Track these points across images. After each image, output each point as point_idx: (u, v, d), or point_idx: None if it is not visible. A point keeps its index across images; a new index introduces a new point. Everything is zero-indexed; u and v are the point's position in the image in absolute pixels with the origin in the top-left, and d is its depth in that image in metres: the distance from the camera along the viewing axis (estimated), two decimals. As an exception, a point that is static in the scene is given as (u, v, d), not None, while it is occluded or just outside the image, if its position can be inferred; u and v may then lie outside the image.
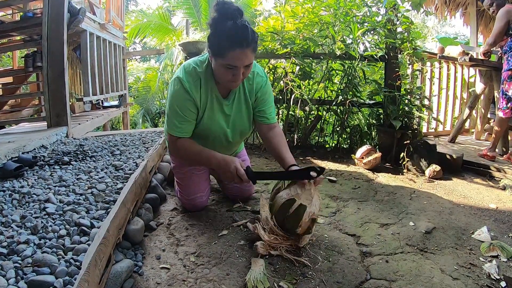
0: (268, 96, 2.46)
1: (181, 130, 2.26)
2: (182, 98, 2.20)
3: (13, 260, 1.50)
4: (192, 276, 1.77)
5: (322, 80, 4.68)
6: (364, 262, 2.02)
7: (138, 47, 24.04)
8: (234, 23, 2.00)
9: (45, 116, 4.63)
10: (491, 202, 3.07)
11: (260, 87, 2.40)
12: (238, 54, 2.02)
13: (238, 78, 2.10)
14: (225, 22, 2.01)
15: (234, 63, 2.04)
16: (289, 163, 2.27)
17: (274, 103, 2.57)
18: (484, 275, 1.95)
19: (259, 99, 2.42)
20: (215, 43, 2.05)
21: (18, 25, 5.15)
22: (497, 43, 4.30)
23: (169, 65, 14.20)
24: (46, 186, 2.43)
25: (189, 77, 2.20)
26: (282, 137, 2.46)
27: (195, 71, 2.22)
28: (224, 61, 2.04)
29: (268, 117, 2.46)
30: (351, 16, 4.37)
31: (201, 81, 2.22)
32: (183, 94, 2.19)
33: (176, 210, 2.56)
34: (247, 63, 2.08)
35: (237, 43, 1.99)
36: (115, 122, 12.61)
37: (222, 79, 2.15)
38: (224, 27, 2.01)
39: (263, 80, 2.40)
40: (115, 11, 8.11)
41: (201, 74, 2.22)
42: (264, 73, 2.44)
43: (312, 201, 2.06)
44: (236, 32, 1.99)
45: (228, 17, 2.02)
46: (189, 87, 2.17)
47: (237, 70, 2.07)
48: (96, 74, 6.36)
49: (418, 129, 4.24)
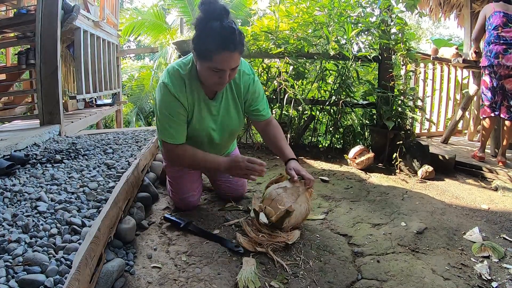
0: (259, 93, 2.44)
1: (176, 135, 2.21)
2: (170, 102, 2.16)
3: (4, 258, 1.49)
4: (184, 275, 1.77)
5: (315, 80, 4.69)
6: (356, 262, 2.03)
7: (132, 45, 23.99)
8: (221, 24, 1.95)
9: (38, 113, 4.61)
10: (483, 202, 3.09)
11: (249, 86, 2.37)
12: (225, 57, 1.98)
13: (225, 81, 2.08)
14: (211, 23, 1.96)
15: (220, 66, 2.00)
16: (287, 157, 2.38)
17: (268, 104, 2.58)
18: (476, 275, 1.96)
19: (250, 99, 2.41)
20: (201, 45, 2.01)
21: (12, 22, 5.13)
22: (479, 38, 4.48)
23: (163, 64, 14.18)
24: (38, 185, 2.41)
25: (174, 80, 2.16)
26: (279, 130, 2.52)
27: (178, 74, 2.18)
28: (210, 64, 2.00)
29: (263, 113, 2.48)
30: (346, 16, 4.38)
31: (185, 84, 2.18)
32: (170, 98, 2.15)
33: (168, 209, 2.55)
34: (233, 66, 2.05)
35: (224, 46, 1.95)
36: (108, 120, 12.56)
37: (208, 81, 2.12)
38: (210, 28, 1.95)
39: (250, 78, 2.37)
40: (110, 9, 8.09)
41: (185, 77, 2.18)
42: (250, 69, 2.40)
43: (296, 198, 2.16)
44: (223, 34, 1.94)
45: (214, 17, 1.96)
46: (174, 91, 2.14)
47: (223, 73, 2.03)
48: (89, 72, 6.35)
49: (411, 129, 4.26)
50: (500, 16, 4.01)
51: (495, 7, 4.11)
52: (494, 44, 4.01)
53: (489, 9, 4.17)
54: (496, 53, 3.96)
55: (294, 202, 2.15)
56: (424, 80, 5.24)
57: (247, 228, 2.11)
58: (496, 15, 4.05)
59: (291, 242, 2.08)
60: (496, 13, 4.05)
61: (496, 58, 3.96)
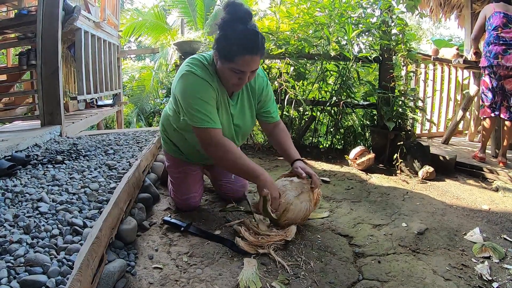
0: (271, 95, 2.50)
1: (214, 119, 2.11)
2: (200, 85, 2.10)
3: (5, 259, 1.49)
4: (185, 276, 1.77)
5: (316, 81, 4.69)
6: (357, 263, 2.03)
7: (133, 45, 23.97)
8: (245, 27, 2.00)
9: (39, 114, 4.61)
10: (483, 203, 3.09)
11: (263, 89, 2.42)
12: (247, 60, 2.02)
13: (244, 82, 2.12)
14: (236, 26, 2.01)
15: (242, 68, 2.04)
16: (294, 158, 2.42)
17: (277, 107, 2.61)
18: (476, 276, 1.95)
19: (263, 101, 2.45)
20: (225, 46, 2.03)
21: (13, 23, 5.13)
22: (478, 38, 4.48)
23: (164, 64, 14.17)
24: (39, 185, 2.42)
25: (200, 68, 2.14)
26: (286, 133, 2.58)
27: (203, 64, 2.17)
28: (232, 65, 2.03)
29: (273, 115, 2.53)
30: (346, 17, 4.38)
31: (211, 74, 2.17)
32: (200, 82, 2.10)
33: (169, 210, 2.55)
34: (254, 68, 2.09)
35: (248, 49, 1.99)
36: (109, 121, 12.55)
37: (227, 81, 2.15)
38: (235, 31, 2.00)
39: (264, 80, 2.43)
40: (110, 10, 8.09)
41: (209, 69, 2.18)
42: (263, 72, 2.47)
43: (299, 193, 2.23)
44: (248, 38, 1.99)
45: (239, 20, 2.01)
46: (203, 76, 2.11)
47: (244, 74, 2.07)
48: (90, 72, 6.34)
49: (411, 130, 4.26)
50: (500, 17, 4.01)
51: (495, 7, 4.11)
52: (493, 44, 4.01)
53: (489, 10, 4.17)
54: (496, 53, 3.96)
55: (296, 196, 2.20)
56: (425, 80, 5.24)
57: (245, 234, 2.11)
58: (496, 15, 4.05)
59: (290, 239, 2.09)
60: (496, 13, 4.05)
61: (495, 59, 3.96)
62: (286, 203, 2.19)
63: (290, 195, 2.21)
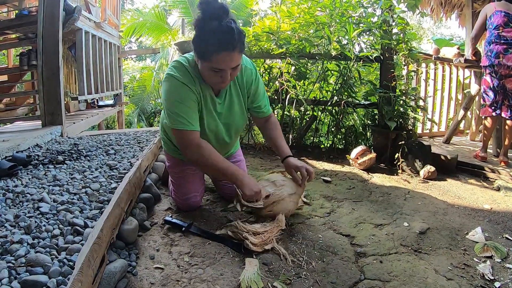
0: (261, 88, 2.48)
1: (190, 121, 2.13)
2: (179, 88, 2.13)
3: (6, 259, 1.49)
4: (186, 276, 1.77)
5: (317, 81, 4.70)
6: (358, 263, 2.03)
7: (133, 46, 23.98)
8: (219, 24, 1.95)
9: (40, 115, 4.61)
10: (485, 202, 3.08)
11: (252, 82, 2.39)
12: (224, 57, 1.98)
13: (226, 80, 2.08)
14: (209, 23, 1.96)
15: (220, 66, 2.01)
16: (285, 154, 2.46)
17: (268, 100, 2.61)
18: (478, 275, 1.95)
19: (252, 95, 2.43)
20: (200, 46, 2.01)
21: (13, 23, 5.13)
22: (478, 36, 4.46)
23: (165, 65, 14.19)
24: (40, 186, 2.41)
25: (180, 72, 2.15)
26: (277, 127, 2.59)
27: (183, 66, 2.17)
28: (210, 64, 2.01)
29: (264, 110, 2.52)
30: (347, 16, 4.38)
31: (191, 75, 2.17)
32: (179, 85, 2.12)
33: (171, 210, 2.55)
34: (234, 65, 2.05)
35: (222, 46, 1.95)
36: (110, 121, 12.58)
37: (210, 81, 2.14)
38: (209, 28, 1.96)
39: (253, 73, 2.39)
40: (111, 10, 8.09)
41: (190, 70, 2.17)
42: (251, 64, 2.41)
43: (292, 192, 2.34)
44: (222, 34, 1.94)
45: (212, 17, 1.96)
46: (183, 79, 2.12)
47: (224, 72, 2.04)
48: (91, 73, 6.36)
49: (413, 130, 4.26)
50: (502, 16, 4.00)
51: (496, 6, 4.10)
52: (494, 43, 4.01)
53: (490, 8, 4.16)
54: (497, 52, 3.96)
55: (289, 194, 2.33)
56: (426, 80, 5.24)
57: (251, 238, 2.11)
58: (497, 14, 4.05)
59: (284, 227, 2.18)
60: (498, 12, 4.05)
61: (496, 58, 3.96)
62: (279, 196, 2.27)
63: (285, 191, 2.30)
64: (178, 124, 2.12)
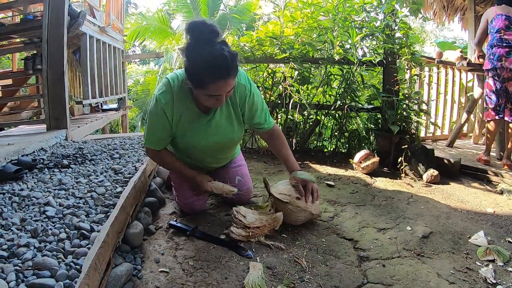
0: (258, 103, 2.39)
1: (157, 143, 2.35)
2: (156, 114, 2.20)
3: (13, 263, 1.50)
4: (191, 279, 1.78)
5: (320, 85, 4.71)
6: (361, 267, 2.03)
7: (137, 50, 24.07)
8: (212, 49, 1.92)
9: (45, 118, 4.64)
10: (488, 206, 3.08)
11: (245, 98, 2.32)
12: (220, 85, 1.96)
13: (222, 101, 2.08)
14: (201, 50, 1.93)
15: (217, 93, 2.00)
16: (291, 169, 2.48)
17: (272, 107, 2.61)
18: (481, 279, 1.96)
19: (248, 110, 2.38)
20: (195, 75, 1.99)
21: (18, 28, 5.16)
22: (482, 42, 4.47)
23: (169, 69, 14.22)
24: (46, 189, 2.43)
25: (165, 94, 2.16)
26: (282, 140, 2.57)
27: (170, 87, 2.17)
28: (206, 92, 2.00)
29: (264, 126, 2.49)
30: (350, 21, 4.40)
31: (173, 99, 2.17)
32: (157, 110, 2.19)
33: (175, 214, 2.57)
34: (229, 89, 2.04)
35: (218, 75, 1.93)
36: (114, 125, 12.60)
37: (205, 104, 2.13)
38: (202, 56, 1.92)
39: (247, 89, 2.31)
40: (115, 14, 8.12)
41: (175, 92, 2.16)
42: (246, 78, 2.34)
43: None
44: (215, 63, 1.91)
45: (204, 42, 1.94)
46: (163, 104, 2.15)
47: (220, 96, 2.03)
48: (95, 77, 6.38)
49: (416, 133, 4.27)
50: (503, 19, 4.02)
51: (497, 10, 4.12)
52: (497, 47, 4.02)
53: (491, 12, 4.18)
54: (499, 56, 3.97)
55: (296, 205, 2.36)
56: (429, 83, 5.25)
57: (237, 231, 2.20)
58: (498, 18, 4.06)
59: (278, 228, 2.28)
60: (499, 16, 4.06)
61: (499, 61, 3.96)
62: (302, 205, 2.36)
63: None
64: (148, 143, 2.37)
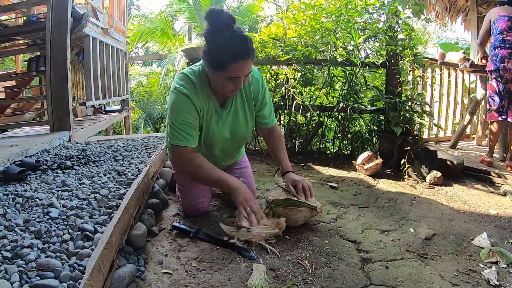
0: (268, 97, 2.51)
1: (188, 138, 2.20)
2: (181, 105, 2.18)
3: (17, 264, 1.50)
4: (194, 281, 1.78)
5: (323, 87, 4.71)
6: (365, 268, 2.03)
7: (140, 51, 24.09)
8: (232, 33, 2.01)
9: (48, 120, 4.64)
10: (491, 208, 3.08)
11: (258, 91, 2.42)
12: (241, 66, 2.04)
13: (239, 87, 2.14)
14: (222, 34, 2.02)
15: (236, 75, 2.06)
16: (285, 170, 2.52)
17: (275, 108, 2.62)
18: (484, 281, 1.95)
19: (259, 103, 2.46)
20: (216, 57, 2.05)
21: (22, 29, 5.18)
22: (484, 43, 4.50)
23: (171, 70, 14.23)
24: (49, 191, 2.43)
25: (185, 84, 2.19)
26: (280, 140, 2.62)
27: (189, 79, 2.21)
28: (226, 74, 2.06)
29: (268, 121, 2.56)
30: (353, 23, 4.39)
31: (196, 88, 2.21)
32: (182, 101, 2.17)
33: (178, 216, 2.57)
34: (247, 72, 2.12)
35: (240, 55, 2.01)
36: (117, 126, 12.63)
37: (223, 89, 2.17)
38: (223, 39, 2.01)
39: (260, 83, 2.43)
40: (118, 16, 8.14)
41: (196, 83, 2.21)
42: (257, 73, 2.47)
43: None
44: (238, 44, 2.00)
45: (224, 28, 2.02)
46: (186, 93, 2.16)
47: (239, 80, 2.10)
48: (98, 78, 6.39)
49: (419, 135, 4.26)
50: (505, 20, 4.02)
51: (499, 11, 4.12)
52: (499, 48, 4.02)
53: (494, 14, 4.18)
54: (502, 57, 3.97)
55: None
56: (432, 85, 5.24)
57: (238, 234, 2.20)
58: (501, 19, 4.06)
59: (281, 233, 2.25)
60: (501, 17, 4.06)
61: (501, 62, 3.97)
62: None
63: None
64: (177, 140, 2.20)
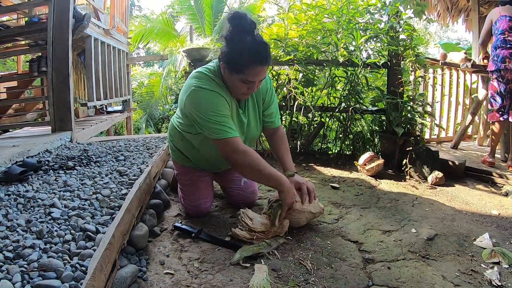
0: (274, 97, 2.53)
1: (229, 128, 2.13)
2: (212, 99, 2.13)
3: (19, 264, 1.51)
4: (196, 281, 1.78)
5: (325, 87, 4.70)
6: (367, 269, 2.03)
7: (141, 52, 24.08)
8: (253, 38, 2.04)
9: (50, 120, 4.65)
10: (493, 208, 3.08)
11: (267, 89, 2.46)
12: (257, 71, 2.07)
13: (253, 91, 2.17)
14: (243, 38, 2.04)
15: (252, 79, 2.09)
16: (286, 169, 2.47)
17: (279, 113, 2.62)
18: (486, 281, 1.95)
19: (266, 102, 2.48)
20: (234, 59, 2.07)
21: (23, 30, 5.19)
22: (486, 43, 4.49)
23: (173, 71, 14.25)
24: (51, 191, 2.44)
25: (208, 82, 2.16)
26: (283, 141, 2.60)
27: (209, 77, 2.19)
28: (242, 77, 2.08)
29: (273, 120, 2.56)
30: (354, 23, 4.39)
31: (221, 87, 2.20)
32: (212, 95, 2.13)
33: (180, 216, 2.57)
34: (263, 78, 2.15)
35: (258, 60, 2.04)
36: (119, 127, 12.64)
37: (237, 92, 2.19)
38: (244, 43, 2.03)
39: (267, 82, 2.46)
40: (119, 17, 8.15)
41: (217, 81, 2.20)
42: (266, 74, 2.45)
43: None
44: (258, 49, 2.03)
45: (245, 32, 2.05)
46: (214, 88, 2.15)
47: (253, 84, 2.12)
48: (100, 79, 6.40)
49: (420, 135, 4.26)
50: (507, 21, 4.01)
51: (501, 11, 4.11)
52: (501, 48, 4.01)
53: (495, 14, 4.17)
54: (503, 57, 3.96)
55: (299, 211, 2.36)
56: (433, 85, 5.24)
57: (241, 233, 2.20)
58: (502, 19, 4.05)
59: (283, 235, 2.24)
60: (503, 17, 4.06)
61: (503, 63, 3.96)
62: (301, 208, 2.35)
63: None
64: (219, 134, 2.11)
